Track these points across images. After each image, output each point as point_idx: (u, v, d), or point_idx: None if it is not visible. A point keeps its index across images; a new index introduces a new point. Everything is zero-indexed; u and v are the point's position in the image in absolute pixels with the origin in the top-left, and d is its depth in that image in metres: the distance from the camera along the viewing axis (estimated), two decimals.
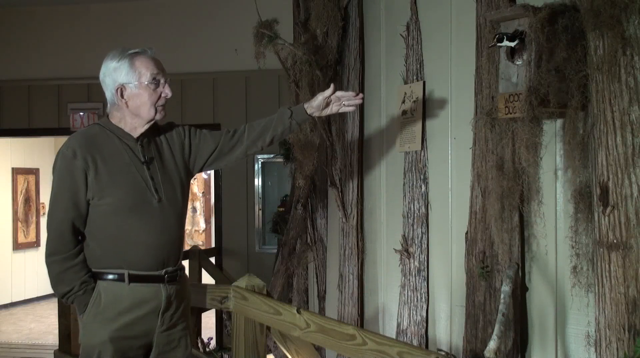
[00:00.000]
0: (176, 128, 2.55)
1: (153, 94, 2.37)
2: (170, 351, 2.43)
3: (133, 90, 2.35)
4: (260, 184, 6.38)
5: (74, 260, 2.33)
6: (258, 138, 2.60)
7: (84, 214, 2.35)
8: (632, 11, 1.96)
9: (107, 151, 2.36)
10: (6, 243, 9.10)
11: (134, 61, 2.35)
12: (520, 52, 2.20)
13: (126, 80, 2.35)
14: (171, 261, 2.42)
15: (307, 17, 3.77)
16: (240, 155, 2.62)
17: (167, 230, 2.40)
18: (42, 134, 7.36)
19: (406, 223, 3.05)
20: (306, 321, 2.58)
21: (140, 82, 2.35)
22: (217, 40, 6.16)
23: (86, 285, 2.34)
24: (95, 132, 2.40)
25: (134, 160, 2.38)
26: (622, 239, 1.97)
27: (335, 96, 2.58)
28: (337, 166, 3.59)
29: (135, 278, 2.35)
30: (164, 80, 2.39)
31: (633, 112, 1.96)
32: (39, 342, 7.15)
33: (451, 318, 2.80)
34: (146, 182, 2.37)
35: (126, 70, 2.34)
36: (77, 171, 2.31)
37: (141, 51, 2.38)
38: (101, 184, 2.32)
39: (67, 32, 6.51)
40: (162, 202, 2.39)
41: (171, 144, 2.51)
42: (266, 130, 2.59)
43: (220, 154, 2.59)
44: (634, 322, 1.95)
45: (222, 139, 2.59)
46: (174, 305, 2.42)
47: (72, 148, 2.32)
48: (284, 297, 4.18)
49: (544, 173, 2.32)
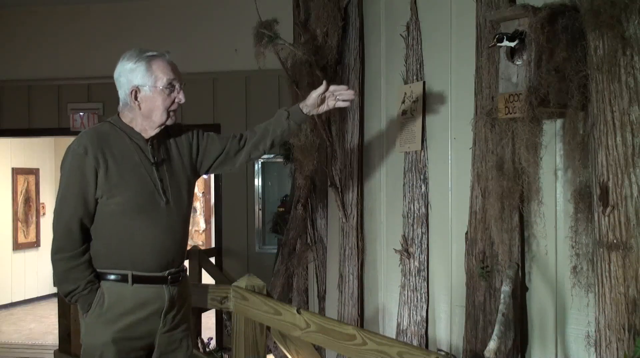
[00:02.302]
0: (184, 130, 2.55)
1: (167, 99, 2.36)
2: (171, 352, 2.44)
3: (147, 93, 2.34)
4: (260, 184, 6.38)
5: (80, 258, 2.32)
6: (259, 141, 2.60)
7: (92, 212, 2.33)
8: (632, 11, 1.96)
9: (118, 150, 2.35)
10: (6, 243, 9.09)
11: (151, 64, 2.33)
12: (520, 52, 2.20)
13: (141, 82, 2.33)
14: (175, 263, 2.42)
15: (307, 17, 3.77)
16: (244, 159, 2.63)
17: (172, 232, 2.40)
18: (42, 134, 7.37)
19: (406, 223, 3.05)
20: (306, 321, 2.58)
21: (155, 86, 2.33)
22: (217, 40, 6.16)
23: (91, 285, 2.33)
24: (107, 130, 2.38)
25: (143, 161, 2.37)
26: (622, 239, 1.97)
27: (329, 92, 2.58)
28: (337, 166, 3.59)
29: (138, 279, 2.34)
30: (179, 85, 2.38)
31: (633, 112, 1.96)
32: (39, 342, 7.15)
33: (451, 318, 2.80)
34: (155, 183, 2.37)
35: (142, 72, 2.33)
36: (87, 169, 2.29)
37: (159, 54, 2.37)
38: (111, 183, 2.30)
39: (67, 32, 6.51)
40: (169, 204, 2.39)
41: (179, 146, 2.51)
42: (266, 133, 2.60)
43: (227, 158, 2.59)
44: (634, 322, 1.95)
45: (229, 142, 2.59)
46: (176, 306, 2.42)
47: (84, 145, 2.30)
48: (284, 297, 4.18)
49: (544, 173, 2.32)
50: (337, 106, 2.63)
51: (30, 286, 9.27)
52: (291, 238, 4.16)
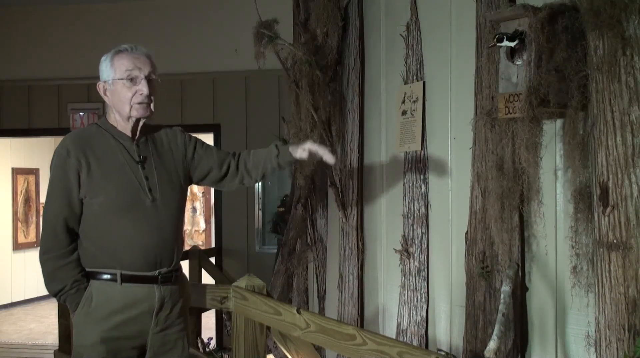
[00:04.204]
0: (181, 134, 2.56)
1: (128, 92, 2.36)
2: (165, 353, 2.42)
3: (110, 87, 2.39)
4: (260, 184, 6.38)
5: (67, 258, 2.33)
6: (252, 169, 2.60)
7: (77, 213, 2.34)
8: (632, 11, 1.96)
9: (101, 150, 2.36)
10: (6, 243, 9.09)
11: (114, 58, 2.38)
12: (520, 52, 2.20)
13: (106, 77, 2.39)
14: (165, 262, 2.40)
15: (307, 17, 3.77)
16: (237, 183, 2.62)
17: (160, 231, 2.38)
18: (42, 134, 7.36)
19: (406, 223, 3.05)
20: (306, 321, 2.58)
21: (115, 78, 2.36)
22: (217, 40, 6.16)
23: (78, 284, 2.33)
24: (92, 131, 2.42)
25: (128, 160, 2.38)
26: (622, 239, 1.97)
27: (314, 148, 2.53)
28: (337, 166, 3.59)
29: (127, 279, 2.33)
30: (143, 76, 2.36)
31: (633, 112, 1.96)
32: (39, 342, 7.15)
33: (451, 318, 2.80)
34: (140, 182, 2.36)
35: (107, 67, 2.38)
36: (70, 170, 2.31)
37: (124, 48, 2.39)
38: (93, 183, 2.32)
39: (67, 32, 6.51)
40: (156, 202, 2.38)
41: (173, 146, 2.51)
42: (259, 164, 2.59)
43: (221, 175, 2.58)
44: (634, 322, 1.95)
45: (226, 160, 2.59)
46: (168, 306, 2.40)
47: (66, 147, 2.34)
48: (284, 297, 4.18)
49: (544, 173, 2.32)
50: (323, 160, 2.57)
51: (30, 286, 9.26)
52: (291, 238, 4.16)
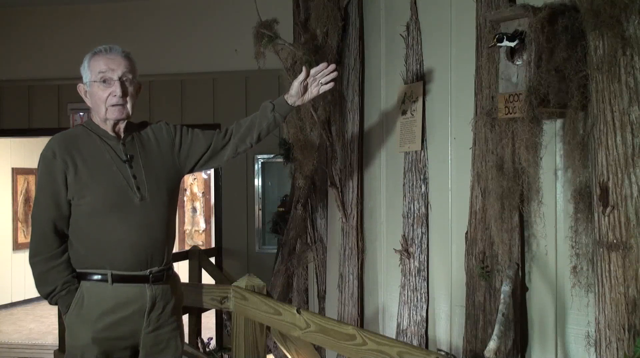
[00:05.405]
0: (166, 126, 2.55)
1: (102, 93, 2.37)
2: (158, 352, 2.41)
3: (87, 89, 2.42)
4: (260, 184, 6.38)
5: (57, 260, 2.33)
6: (246, 135, 2.59)
7: (66, 214, 2.34)
8: (632, 11, 1.96)
9: (87, 151, 2.36)
10: (6, 243, 9.10)
11: (91, 60, 2.41)
12: (520, 52, 2.20)
13: (84, 79, 2.42)
14: (156, 260, 2.39)
15: (307, 17, 3.77)
16: (231, 154, 2.61)
17: (150, 229, 2.37)
18: (42, 134, 7.32)
19: (406, 223, 3.05)
20: (306, 321, 2.58)
21: (90, 80, 2.39)
22: (217, 40, 6.16)
23: (69, 285, 2.33)
24: (78, 132, 2.43)
25: (115, 159, 2.38)
26: (622, 239, 1.97)
27: (310, 77, 2.54)
28: (337, 166, 3.59)
29: (118, 279, 2.33)
30: (117, 78, 2.37)
31: (633, 112, 1.96)
32: (39, 342, 7.16)
33: (451, 318, 2.80)
34: (127, 181, 2.36)
35: (85, 69, 2.42)
36: (56, 172, 2.31)
37: (99, 49, 2.42)
38: (80, 184, 2.31)
39: (67, 32, 6.50)
40: (145, 201, 2.37)
41: (160, 142, 2.50)
42: (252, 127, 2.59)
43: (213, 154, 2.58)
44: (634, 322, 1.95)
45: (214, 138, 2.58)
46: (160, 306, 2.39)
47: (52, 149, 2.34)
48: (284, 297, 4.19)
49: (544, 173, 2.32)
50: (321, 91, 2.58)
51: (30, 286, 9.19)
52: (291, 238, 4.16)
